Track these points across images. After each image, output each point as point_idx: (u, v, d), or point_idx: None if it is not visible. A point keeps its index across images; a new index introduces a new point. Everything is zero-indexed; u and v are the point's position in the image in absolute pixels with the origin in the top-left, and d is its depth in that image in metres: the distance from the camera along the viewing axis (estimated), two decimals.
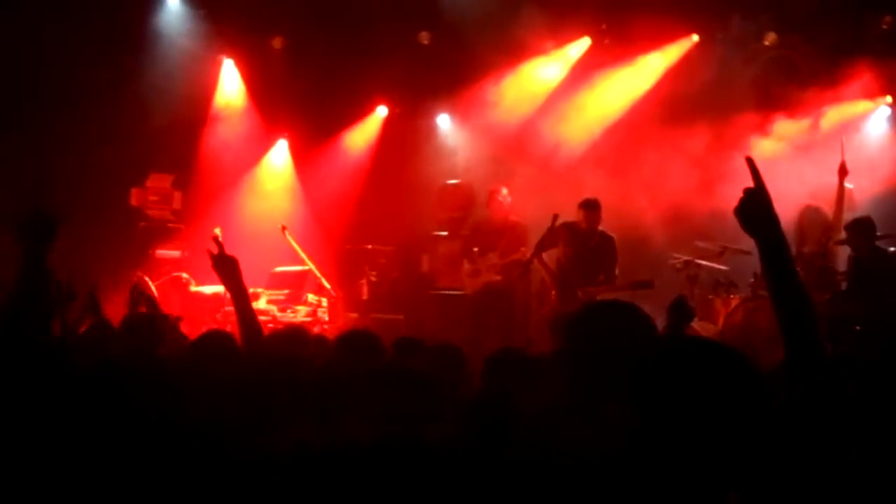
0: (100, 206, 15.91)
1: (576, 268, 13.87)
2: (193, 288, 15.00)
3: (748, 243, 4.56)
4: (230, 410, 4.82)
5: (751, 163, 4.27)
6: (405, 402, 4.72)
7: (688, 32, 16.65)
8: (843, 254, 12.98)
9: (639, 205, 15.52)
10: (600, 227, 14.01)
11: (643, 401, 3.25)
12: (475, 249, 14.97)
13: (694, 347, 3.34)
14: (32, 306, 5.17)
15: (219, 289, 14.68)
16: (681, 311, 6.57)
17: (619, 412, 3.49)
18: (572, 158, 16.59)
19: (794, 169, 14.50)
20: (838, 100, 15.64)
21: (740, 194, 4.24)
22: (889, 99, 16.13)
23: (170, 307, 13.90)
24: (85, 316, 9.08)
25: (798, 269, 4.34)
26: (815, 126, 15.86)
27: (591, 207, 13.92)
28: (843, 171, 13.17)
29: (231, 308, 12.73)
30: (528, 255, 13.91)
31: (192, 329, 11.33)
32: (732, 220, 4.30)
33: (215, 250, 6.63)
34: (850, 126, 15.86)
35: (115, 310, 11.98)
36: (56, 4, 15.73)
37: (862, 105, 16.07)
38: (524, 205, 15.27)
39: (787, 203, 12.34)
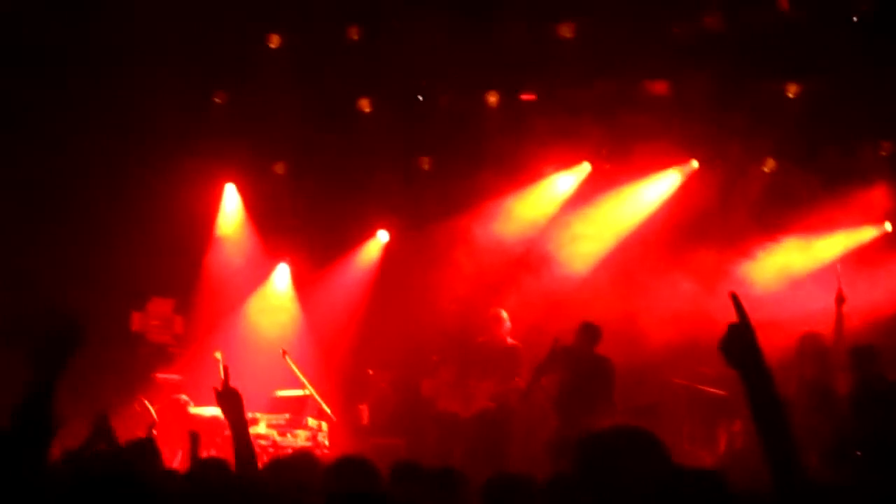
0: (101, 330, 15.89)
1: (574, 392, 13.84)
2: (192, 410, 14.94)
3: None
4: None
5: (735, 299, 4.33)
6: None
7: (687, 158, 16.76)
8: (844, 380, 12.93)
9: (639, 329, 15.52)
10: (598, 352, 14.02)
11: None
12: (471, 374, 14.97)
13: (702, 482, 3.35)
14: (35, 429, 5.13)
15: (217, 411, 14.61)
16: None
17: None
18: (573, 282, 16.61)
19: (792, 295, 14.53)
20: (837, 226, 15.68)
21: (724, 329, 4.29)
22: (888, 226, 16.15)
23: (168, 429, 13.90)
24: (95, 442, 9.10)
25: (800, 394, 4.37)
26: (813, 252, 15.89)
27: (586, 332, 13.96)
28: (840, 299, 13.17)
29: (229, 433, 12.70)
30: (526, 380, 13.93)
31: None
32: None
33: (220, 385, 6.70)
34: (849, 252, 15.89)
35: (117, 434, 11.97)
36: (54, 126, 15.87)
37: (861, 232, 16.09)
38: (525, 328, 15.30)
39: (786, 329, 12.39)
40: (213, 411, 14.64)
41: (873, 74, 14.88)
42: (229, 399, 6.65)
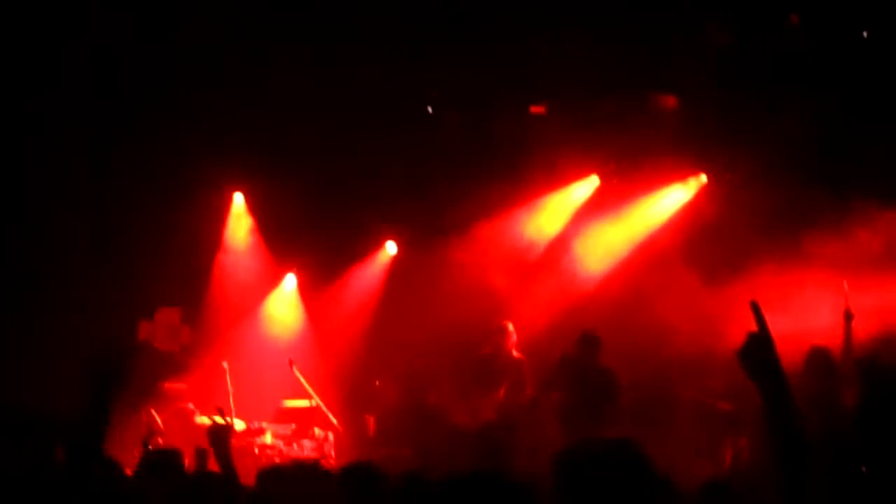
0: (109, 339, 15.92)
1: (580, 404, 13.85)
2: (198, 419, 14.95)
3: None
4: None
5: (755, 308, 4.32)
6: None
7: (696, 172, 16.78)
8: (851, 395, 12.91)
9: (648, 342, 15.52)
10: (601, 362, 14.03)
11: None
12: (476, 386, 14.98)
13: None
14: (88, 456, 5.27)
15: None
16: None
17: None
18: (582, 295, 16.63)
19: (801, 310, 14.52)
20: (846, 243, 15.66)
21: (744, 338, 4.29)
22: None
23: (175, 438, 13.93)
24: None
25: (806, 408, 4.37)
26: (822, 269, 15.87)
27: (587, 343, 13.98)
28: (848, 316, 13.16)
29: (239, 441, 12.76)
30: (533, 393, 13.95)
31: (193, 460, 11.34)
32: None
33: (213, 423, 6.90)
34: (859, 269, 15.88)
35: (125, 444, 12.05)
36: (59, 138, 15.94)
37: (870, 250, 16.07)
38: (533, 340, 15.32)
39: (793, 344, 12.38)
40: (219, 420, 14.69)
41: (881, 91, 14.90)
42: (217, 435, 6.96)
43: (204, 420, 14.83)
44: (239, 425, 14.62)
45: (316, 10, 15.24)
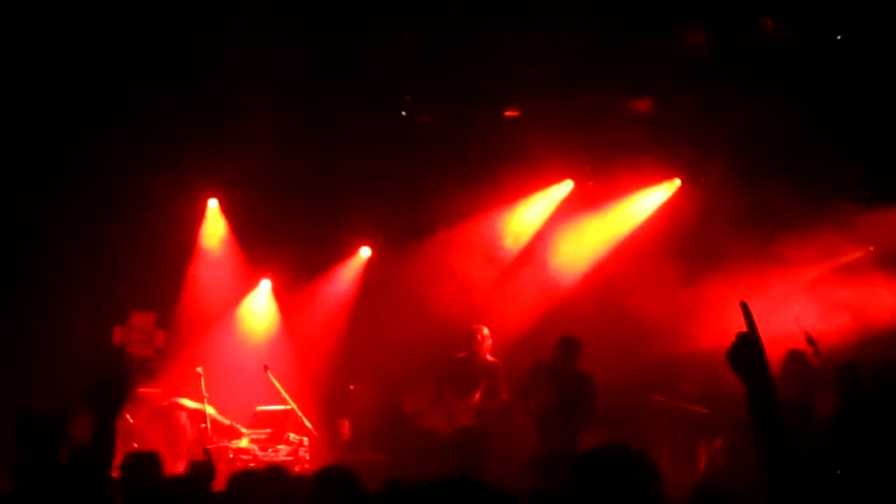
0: (83, 345, 15.91)
1: (556, 409, 13.85)
2: (185, 405, 14.93)
3: (730, 389, 4.59)
4: None
5: (745, 308, 4.32)
6: None
7: (670, 176, 16.82)
8: (826, 399, 12.94)
9: (621, 346, 15.55)
10: (579, 367, 14.04)
11: None
12: (450, 390, 14.97)
13: None
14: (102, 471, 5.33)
15: (197, 405, 14.68)
16: None
17: None
18: (556, 298, 16.65)
19: (776, 312, 14.56)
20: (819, 247, 15.71)
21: (732, 338, 4.29)
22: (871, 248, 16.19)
23: (151, 441, 13.90)
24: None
25: (783, 413, 4.38)
26: (796, 274, 15.93)
27: (565, 347, 13.99)
28: (811, 343, 13.16)
29: (210, 446, 12.73)
30: (508, 399, 13.95)
31: (171, 463, 11.31)
32: (714, 365, 4.33)
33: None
34: (834, 273, 15.95)
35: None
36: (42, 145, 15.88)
37: (845, 253, 16.13)
38: (507, 344, 15.33)
39: (768, 346, 12.42)
40: (194, 405, 14.77)
41: (854, 95, 14.94)
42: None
43: (189, 404, 14.83)
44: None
45: (290, 10, 15.20)
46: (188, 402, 14.95)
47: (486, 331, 15.02)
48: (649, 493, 4.11)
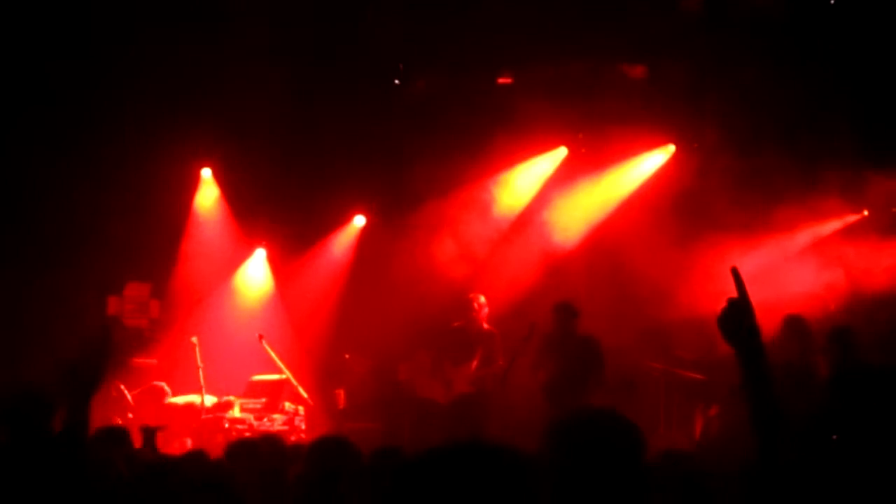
0: (78, 315, 15.90)
1: (564, 375, 13.82)
2: (169, 399, 14.91)
3: (726, 355, 4.56)
4: None
5: (736, 274, 4.29)
6: None
7: (664, 142, 16.79)
8: (824, 362, 12.93)
9: (617, 313, 15.54)
10: (578, 332, 14.01)
11: None
12: (447, 359, 14.98)
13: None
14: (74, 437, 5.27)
15: (193, 398, 14.65)
16: None
17: None
18: (552, 266, 16.63)
19: (770, 280, 14.55)
20: (814, 211, 15.70)
21: (724, 304, 4.26)
22: (865, 212, 16.20)
23: (145, 414, 13.90)
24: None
25: (780, 375, 4.35)
26: (791, 238, 15.93)
27: (563, 312, 13.97)
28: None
29: (209, 416, 12.75)
30: (505, 366, 13.93)
31: (165, 440, 11.31)
32: (710, 330, 4.31)
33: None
34: (830, 237, 15.97)
35: (93, 419, 11.91)
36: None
37: (839, 217, 16.14)
38: (503, 311, 15.33)
39: (765, 312, 12.42)
40: (188, 399, 14.70)
41: (849, 59, 14.93)
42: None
43: (175, 400, 14.83)
44: (209, 400, 14.61)
45: None
46: (178, 400, 14.90)
47: (482, 299, 15.01)
48: (633, 465, 4.01)
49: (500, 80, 16.83)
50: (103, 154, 16.27)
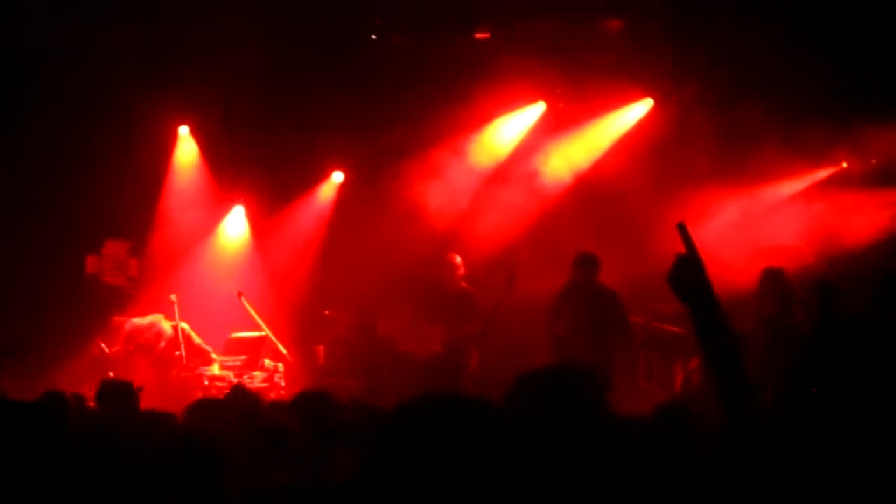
0: (56, 274, 15.88)
1: (587, 328, 13.66)
2: (131, 322, 14.94)
3: None
4: None
5: (682, 229, 4.24)
6: None
7: (642, 95, 16.76)
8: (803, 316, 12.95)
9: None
10: (602, 284, 13.91)
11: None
12: (424, 317, 15.00)
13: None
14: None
15: (155, 317, 14.72)
16: None
17: None
18: (530, 221, 16.62)
19: (749, 233, 14.59)
20: (793, 163, 15.70)
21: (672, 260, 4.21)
22: (844, 164, 16.21)
23: (138, 373, 13.91)
24: None
25: (759, 330, 4.35)
26: (770, 190, 15.94)
27: (586, 264, 13.84)
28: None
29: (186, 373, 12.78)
30: (484, 326, 13.93)
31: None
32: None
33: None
34: (808, 190, 15.99)
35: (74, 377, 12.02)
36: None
37: (818, 171, 16.15)
38: (483, 268, 15.34)
39: (748, 264, 12.46)
40: (152, 318, 14.79)
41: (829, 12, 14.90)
42: None
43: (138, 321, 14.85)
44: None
45: None
46: (165, 324, 14.90)
47: (458, 259, 15.02)
48: (591, 414, 4.02)
49: (478, 36, 16.75)
50: (81, 113, 16.20)
